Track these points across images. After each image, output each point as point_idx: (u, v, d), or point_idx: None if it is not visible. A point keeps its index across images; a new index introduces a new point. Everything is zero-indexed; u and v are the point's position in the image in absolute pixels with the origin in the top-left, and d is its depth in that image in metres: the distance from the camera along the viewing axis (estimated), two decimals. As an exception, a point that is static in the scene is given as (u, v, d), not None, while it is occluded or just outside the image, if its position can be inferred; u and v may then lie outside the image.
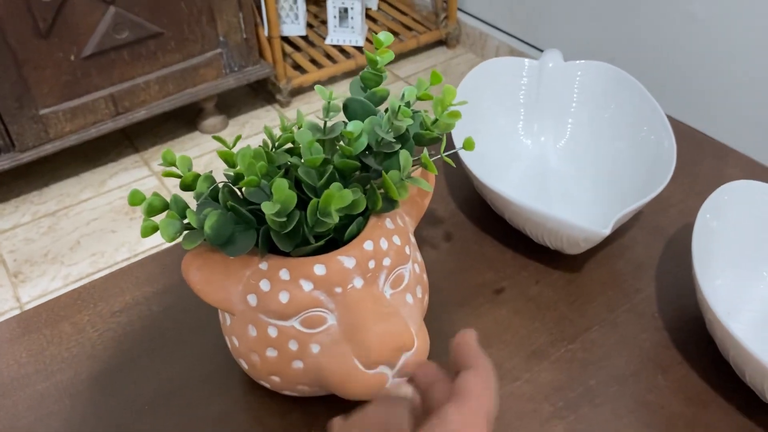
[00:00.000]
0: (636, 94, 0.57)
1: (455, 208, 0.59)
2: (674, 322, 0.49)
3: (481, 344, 0.48)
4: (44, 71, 1.19)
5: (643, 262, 0.54)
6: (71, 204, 1.32)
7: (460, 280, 0.53)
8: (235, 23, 1.36)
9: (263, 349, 0.40)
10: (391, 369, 0.40)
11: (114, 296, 0.52)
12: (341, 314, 0.39)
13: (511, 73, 0.62)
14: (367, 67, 0.42)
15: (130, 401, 0.45)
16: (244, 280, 0.40)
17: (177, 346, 0.49)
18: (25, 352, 0.49)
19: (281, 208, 0.36)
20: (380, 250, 0.40)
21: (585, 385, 0.45)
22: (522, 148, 0.62)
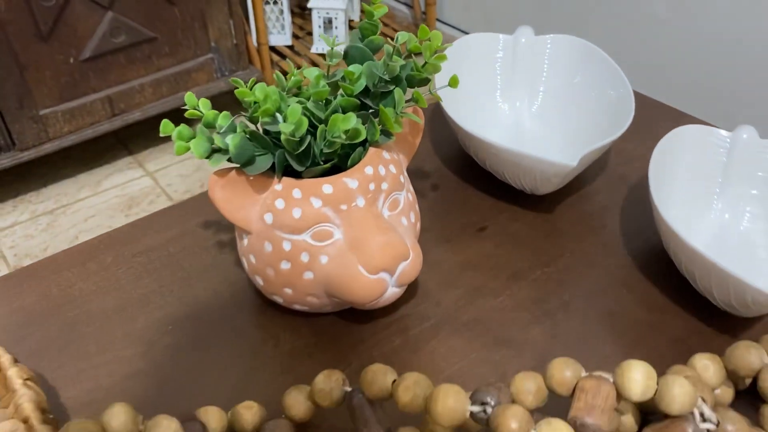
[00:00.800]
0: (600, 61, 0.65)
1: (440, 165, 0.66)
2: (636, 251, 0.56)
3: (467, 269, 0.54)
4: (44, 73, 1.24)
5: (608, 204, 0.61)
6: (69, 203, 1.37)
7: (447, 222, 0.59)
8: (226, 29, 1.43)
9: (278, 263, 0.46)
10: (391, 276, 0.46)
11: (134, 241, 0.58)
12: (346, 228, 0.45)
13: (487, 47, 0.69)
14: (364, 19, 0.48)
15: (156, 322, 0.51)
16: (261, 201, 0.46)
17: (194, 278, 0.54)
18: (55, 287, 0.54)
19: (295, 128, 0.42)
20: (378, 176, 0.47)
21: (560, 299, 0.52)
22: (500, 113, 0.69)
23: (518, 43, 0.69)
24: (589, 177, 0.63)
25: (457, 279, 0.54)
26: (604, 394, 0.36)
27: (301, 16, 1.98)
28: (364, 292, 0.45)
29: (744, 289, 0.43)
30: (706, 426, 0.37)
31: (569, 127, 0.65)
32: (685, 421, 0.37)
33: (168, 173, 1.44)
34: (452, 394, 0.37)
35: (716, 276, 0.45)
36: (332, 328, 0.50)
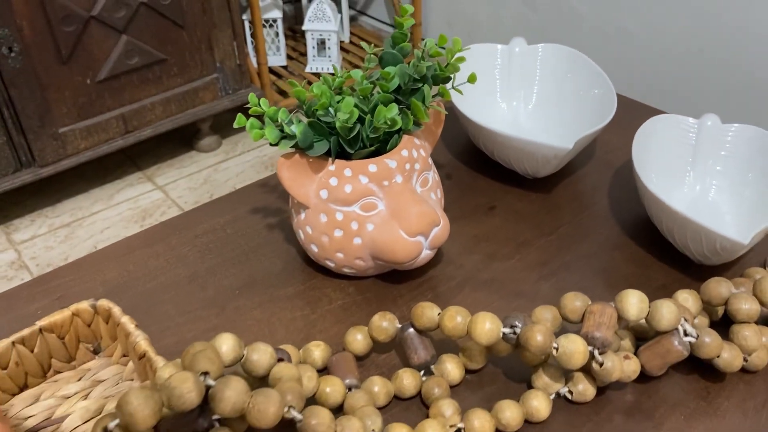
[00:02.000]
0: (585, 65, 0.75)
1: (452, 158, 0.76)
2: (623, 220, 0.66)
3: (482, 240, 0.64)
4: (64, 93, 1.32)
5: (598, 185, 0.71)
6: (84, 216, 1.44)
7: (461, 203, 0.69)
8: (230, 51, 1.52)
9: (332, 231, 0.55)
10: (425, 239, 0.55)
11: (193, 226, 0.67)
12: (388, 200, 0.55)
13: (487, 56, 0.79)
14: (395, 30, 0.59)
15: (225, 289, 0.59)
16: (317, 180, 0.55)
17: (251, 253, 0.63)
18: (131, 264, 0.62)
19: (349, 117, 0.52)
20: (412, 158, 0.56)
21: (561, 260, 0.62)
22: (499, 112, 0.79)
23: (513, 51, 0.79)
24: (580, 163, 0.74)
25: (475, 247, 0.63)
26: (608, 315, 0.46)
27: (293, 38, 2.09)
28: (405, 252, 0.55)
29: (714, 239, 0.53)
30: (688, 339, 0.47)
31: (560, 122, 0.75)
32: (672, 336, 0.47)
33: (177, 186, 1.52)
34: (489, 319, 0.46)
35: (691, 231, 0.55)
36: (374, 288, 0.59)
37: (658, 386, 0.50)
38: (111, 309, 0.49)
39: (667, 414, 0.48)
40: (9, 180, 1.33)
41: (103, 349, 0.52)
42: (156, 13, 1.38)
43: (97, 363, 0.52)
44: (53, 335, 0.49)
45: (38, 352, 0.49)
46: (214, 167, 1.60)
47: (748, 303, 0.49)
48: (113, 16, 1.33)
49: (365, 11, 2.22)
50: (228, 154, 1.65)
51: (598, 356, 0.46)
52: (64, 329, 0.49)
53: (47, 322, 0.48)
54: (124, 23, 1.35)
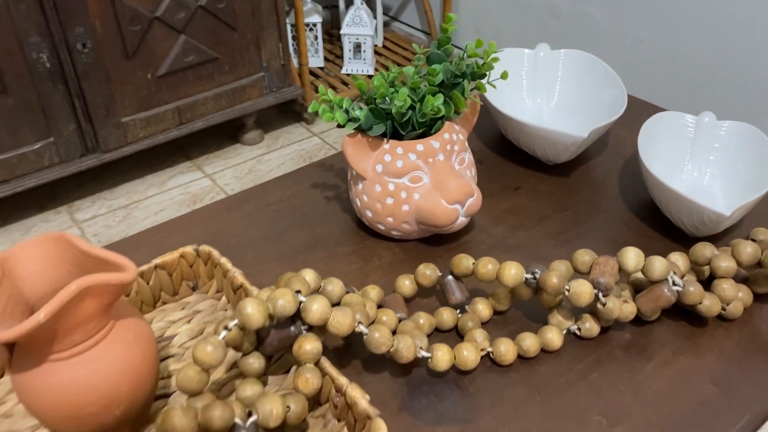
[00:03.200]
0: (601, 69, 0.86)
1: (483, 146, 0.87)
2: (629, 202, 0.77)
3: (508, 214, 0.75)
4: (127, 86, 1.46)
5: (609, 172, 0.82)
6: (139, 199, 1.58)
7: (491, 184, 0.80)
8: (276, 52, 1.65)
9: (384, 199, 0.67)
10: (461, 207, 0.67)
11: (264, 197, 0.79)
12: (432, 174, 0.67)
13: (515, 59, 0.91)
14: (440, 34, 0.70)
15: (294, 247, 0.71)
16: (374, 156, 0.67)
17: (314, 220, 0.75)
18: (213, 226, 0.75)
19: (403, 104, 0.64)
20: (452, 140, 0.68)
21: (575, 232, 0.73)
22: (525, 107, 0.90)
23: (538, 55, 0.91)
24: (595, 153, 0.85)
25: (502, 219, 0.75)
26: (611, 265, 0.57)
27: (330, 42, 2.22)
28: (444, 217, 0.66)
29: (702, 212, 0.64)
30: (675, 288, 0.58)
31: (578, 116, 0.86)
32: (663, 284, 0.58)
33: (224, 175, 1.65)
34: (514, 266, 0.58)
35: (685, 206, 0.66)
36: (417, 249, 0.71)
37: (651, 329, 0.61)
38: (211, 252, 0.62)
39: (657, 350, 0.59)
40: (76, 163, 1.47)
41: (200, 286, 0.64)
42: (211, 15, 1.51)
43: (194, 298, 0.64)
44: (164, 272, 0.61)
45: (152, 285, 0.61)
46: (257, 159, 1.73)
47: (727, 261, 0.60)
48: (174, 18, 1.46)
49: (398, 17, 2.34)
50: (270, 147, 1.78)
51: (601, 298, 0.57)
52: (172, 267, 0.62)
53: (161, 261, 0.61)
54: (183, 24, 1.48)
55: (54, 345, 0.43)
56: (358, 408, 0.48)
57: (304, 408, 0.47)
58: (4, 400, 0.54)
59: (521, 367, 0.58)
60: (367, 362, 0.58)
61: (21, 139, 1.39)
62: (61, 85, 1.38)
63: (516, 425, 0.53)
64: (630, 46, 1.57)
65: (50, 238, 0.46)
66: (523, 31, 1.88)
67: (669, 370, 0.57)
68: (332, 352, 0.59)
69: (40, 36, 1.32)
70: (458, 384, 0.56)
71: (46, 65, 1.34)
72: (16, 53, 1.31)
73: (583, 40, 1.67)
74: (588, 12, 1.65)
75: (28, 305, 0.45)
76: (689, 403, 0.55)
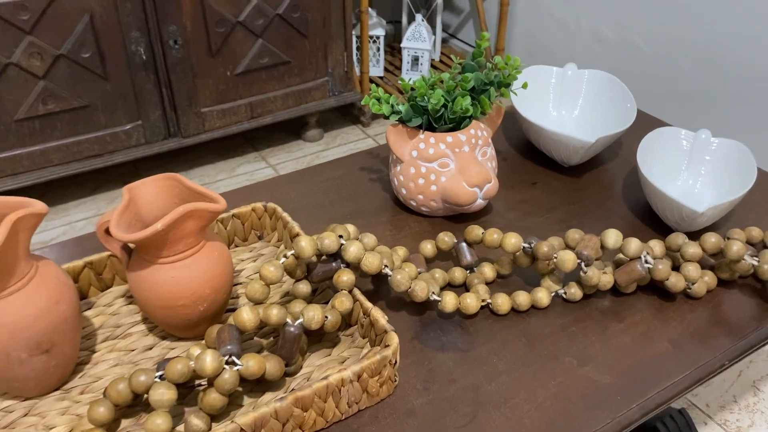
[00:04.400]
0: (618, 87, 0.99)
1: (509, 147, 1.01)
2: (629, 201, 0.90)
3: (523, 203, 0.89)
4: (208, 81, 1.66)
5: (616, 175, 0.95)
6: (210, 182, 1.77)
7: (512, 178, 0.94)
8: (341, 60, 1.83)
9: (417, 179, 0.82)
10: (480, 190, 0.81)
11: (318, 175, 0.95)
12: (457, 162, 0.81)
13: (544, 75, 1.05)
14: (475, 47, 0.85)
15: (341, 214, 0.87)
16: (411, 143, 0.82)
17: (358, 195, 0.90)
18: (273, 196, 0.91)
19: (437, 103, 0.78)
20: (477, 135, 0.83)
21: (578, 221, 0.86)
22: (551, 117, 1.04)
23: (566, 73, 1.04)
24: (606, 159, 0.98)
25: (517, 207, 0.89)
26: (594, 242, 0.71)
27: (391, 53, 2.39)
28: (465, 197, 0.81)
29: (681, 208, 0.77)
30: (647, 265, 0.71)
31: (595, 126, 0.99)
32: (636, 261, 0.71)
33: (286, 167, 1.83)
34: (515, 236, 0.72)
35: (667, 203, 0.79)
36: (441, 224, 0.86)
37: (628, 299, 0.74)
38: (276, 208, 0.78)
39: (629, 315, 0.72)
40: (158, 145, 1.67)
41: (264, 236, 0.80)
42: (286, 23, 1.70)
43: (259, 244, 0.80)
44: (238, 221, 0.78)
45: (229, 230, 0.77)
46: (316, 154, 1.90)
47: (693, 248, 0.72)
48: (254, 23, 1.65)
49: (456, 34, 2.50)
50: (328, 145, 1.95)
51: (584, 267, 0.70)
52: (244, 218, 0.78)
53: (236, 212, 0.77)
54: (261, 29, 1.67)
55: (162, 251, 0.59)
56: (378, 325, 0.62)
57: (337, 320, 0.62)
58: (112, 303, 0.71)
59: (514, 317, 0.72)
60: (390, 302, 0.73)
61: (115, 120, 1.59)
62: (153, 76, 1.58)
63: (503, 357, 0.67)
64: (667, 71, 1.68)
65: (164, 177, 0.62)
66: (570, 53, 2.00)
67: (635, 330, 0.70)
68: (365, 293, 0.74)
69: (140, 31, 1.52)
70: (461, 325, 0.70)
71: (142, 57, 1.55)
72: (118, 45, 1.52)
73: (625, 64, 1.78)
74: (632, 39, 1.76)
75: (145, 224, 0.62)
76: (646, 355, 0.67)
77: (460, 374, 0.65)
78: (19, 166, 1.53)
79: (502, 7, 2.12)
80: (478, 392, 0.63)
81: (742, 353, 0.70)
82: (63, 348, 0.58)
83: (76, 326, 0.59)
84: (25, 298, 0.54)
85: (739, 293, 0.75)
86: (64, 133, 1.55)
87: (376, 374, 0.59)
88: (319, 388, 0.56)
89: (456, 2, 2.45)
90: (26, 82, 1.45)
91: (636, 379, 0.65)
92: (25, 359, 0.55)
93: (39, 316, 0.55)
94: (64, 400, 0.60)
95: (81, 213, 1.67)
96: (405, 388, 0.63)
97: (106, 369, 0.64)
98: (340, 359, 0.65)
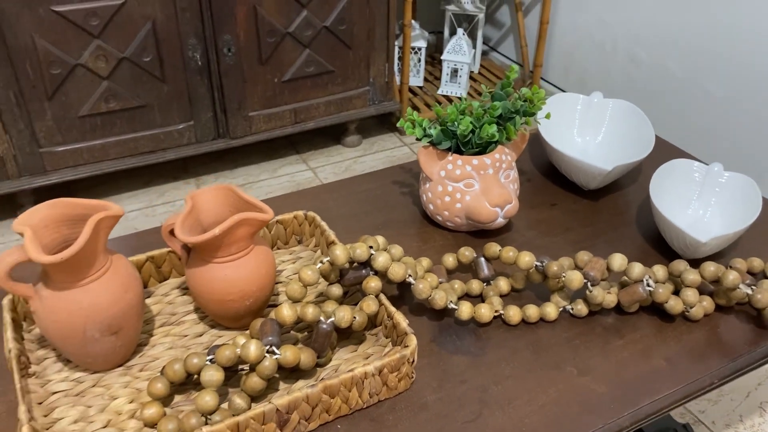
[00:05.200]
0: (640, 117, 1.06)
1: (534, 169, 1.09)
2: (642, 227, 0.96)
3: (541, 223, 0.96)
4: (257, 87, 1.76)
5: (633, 201, 1.02)
6: (253, 181, 1.88)
7: (533, 198, 1.02)
8: (382, 70, 1.91)
9: (443, 197, 0.90)
10: (501, 210, 0.89)
11: (355, 186, 1.03)
12: (481, 183, 0.89)
13: (572, 102, 1.12)
14: (504, 78, 0.93)
15: (372, 224, 0.95)
16: (440, 164, 0.90)
17: (389, 207, 0.99)
18: (313, 204, 1.00)
19: (465, 129, 0.86)
20: (501, 159, 0.90)
21: (592, 242, 0.93)
22: (575, 143, 1.11)
23: (592, 101, 1.11)
24: (625, 184, 1.05)
25: (535, 226, 0.96)
26: (600, 264, 0.78)
27: (431, 64, 2.47)
28: (486, 216, 0.88)
29: (684, 236, 0.83)
30: (648, 288, 0.78)
31: (616, 154, 1.06)
32: (638, 284, 0.78)
33: (324, 170, 1.93)
34: (528, 255, 0.79)
35: (674, 231, 0.85)
36: (464, 239, 0.93)
37: (630, 318, 0.81)
38: (315, 217, 0.87)
39: (630, 332, 0.79)
40: (208, 145, 1.78)
41: (303, 241, 0.89)
42: (332, 35, 1.79)
43: (299, 248, 0.89)
44: (281, 226, 0.87)
45: (273, 234, 0.87)
46: (354, 159, 1.99)
47: (693, 275, 0.79)
48: (302, 34, 1.75)
49: (496, 48, 2.56)
50: (366, 151, 2.04)
51: (589, 286, 0.78)
52: (286, 223, 0.87)
53: (280, 218, 0.86)
54: (309, 40, 1.77)
55: (218, 252, 0.68)
56: (399, 327, 0.71)
57: (364, 321, 0.70)
58: (168, 293, 0.81)
59: (524, 328, 0.79)
60: (413, 307, 0.81)
61: (169, 119, 1.71)
62: (206, 80, 1.69)
63: (511, 363, 0.74)
64: (699, 97, 1.72)
65: (221, 187, 0.72)
66: (605, 74, 2.05)
67: (634, 346, 0.77)
68: (390, 298, 0.82)
69: (197, 39, 1.63)
70: (475, 332, 0.78)
71: (198, 62, 1.66)
72: (176, 50, 1.63)
73: (658, 87, 1.83)
74: (666, 64, 1.81)
75: (203, 228, 0.72)
76: (642, 369, 0.74)
77: (471, 376, 0.73)
78: (80, 158, 1.65)
79: (542, 25, 2.18)
80: (485, 393, 0.71)
81: (732, 373, 0.76)
82: (128, 331, 0.68)
83: (140, 313, 0.69)
84: (101, 286, 0.64)
85: (735, 319, 0.81)
86: (122, 130, 1.67)
87: (396, 370, 0.68)
88: (345, 379, 0.64)
89: (498, 17, 2.52)
90: (91, 82, 1.58)
91: (630, 390, 0.72)
92: (98, 338, 0.65)
93: (111, 303, 0.65)
94: (126, 376, 0.70)
95: (133, 204, 1.79)
96: (421, 385, 0.71)
97: (162, 351, 0.73)
98: (365, 355, 0.73)
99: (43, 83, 1.53)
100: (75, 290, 0.63)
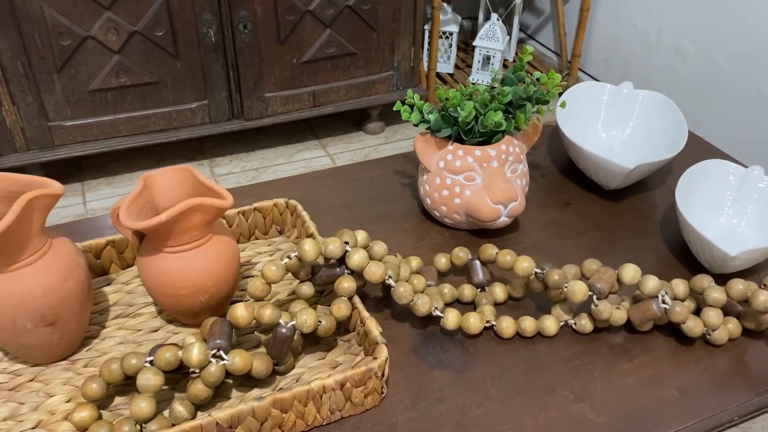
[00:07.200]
0: (673, 111, 0.95)
1: (551, 163, 0.99)
2: (666, 234, 0.85)
3: (553, 224, 0.86)
4: (275, 67, 1.69)
5: (657, 205, 0.91)
6: (269, 165, 1.81)
7: (546, 196, 0.92)
8: (407, 54, 1.82)
9: (442, 190, 0.81)
10: (504, 208, 0.79)
11: (353, 174, 0.95)
12: (484, 177, 0.80)
13: (596, 92, 1.01)
14: (516, 61, 0.83)
15: (364, 216, 0.87)
16: (439, 153, 0.81)
17: (386, 198, 0.90)
18: (303, 192, 0.92)
19: (468, 115, 0.77)
20: (508, 152, 0.81)
21: (607, 249, 0.83)
22: (599, 138, 1.00)
23: (620, 92, 1.00)
24: (651, 185, 0.94)
25: (546, 227, 0.86)
26: (609, 275, 0.68)
27: (464, 51, 2.36)
28: (487, 214, 0.79)
29: (711, 248, 0.73)
30: (664, 305, 0.68)
31: (643, 151, 0.95)
32: (653, 300, 0.68)
33: (343, 157, 1.85)
34: (527, 260, 0.70)
35: (700, 241, 0.75)
36: (463, 237, 0.84)
37: (642, 338, 0.71)
38: (296, 206, 0.79)
39: (640, 354, 0.69)
40: (222, 125, 1.72)
41: (284, 231, 0.82)
42: (356, 14, 1.70)
43: (279, 239, 0.81)
44: (260, 214, 0.79)
45: (249, 223, 0.79)
46: (374, 147, 1.91)
47: (717, 293, 0.68)
48: (323, 13, 1.67)
49: (534, 36, 2.44)
50: (388, 138, 1.96)
51: (595, 300, 0.68)
52: (266, 212, 0.80)
53: (258, 205, 0.79)
54: (330, 20, 1.69)
55: (168, 241, 0.61)
56: (371, 335, 0.63)
57: (331, 326, 0.62)
58: (129, 281, 0.74)
59: (518, 342, 0.70)
60: (396, 312, 0.73)
61: (182, 98, 1.65)
62: (221, 58, 1.63)
63: (498, 382, 0.65)
64: (750, 97, 1.58)
65: (179, 168, 0.64)
66: (648, 67, 1.92)
67: (643, 371, 0.67)
68: (372, 300, 0.74)
69: (212, 14, 1.57)
70: (462, 344, 0.69)
71: (212, 39, 1.59)
72: (190, 26, 1.57)
73: (705, 84, 1.70)
74: (715, 58, 1.67)
75: (158, 212, 0.64)
76: (650, 399, 0.64)
77: (450, 394, 0.64)
78: (89, 134, 1.61)
79: (582, 13, 2.06)
80: (464, 415, 0.62)
81: (758, 409, 0.66)
82: (68, 322, 0.61)
83: (83, 303, 0.62)
84: (35, 273, 0.58)
85: (765, 346, 0.71)
86: (133, 106, 1.62)
87: (361, 385, 0.59)
88: (300, 393, 0.57)
89: (537, 3, 2.39)
90: (102, 56, 1.53)
91: (632, 423, 0.62)
92: (30, 329, 0.59)
93: (46, 291, 0.58)
94: (68, 371, 0.64)
95: (144, 183, 1.75)
96: (392, 401, 0.63)
97: (112, 345, 0.67)
98: (333, 364, 0.65)
99: (53, 55, 1.48)
100: (3, 275, 0.57)
